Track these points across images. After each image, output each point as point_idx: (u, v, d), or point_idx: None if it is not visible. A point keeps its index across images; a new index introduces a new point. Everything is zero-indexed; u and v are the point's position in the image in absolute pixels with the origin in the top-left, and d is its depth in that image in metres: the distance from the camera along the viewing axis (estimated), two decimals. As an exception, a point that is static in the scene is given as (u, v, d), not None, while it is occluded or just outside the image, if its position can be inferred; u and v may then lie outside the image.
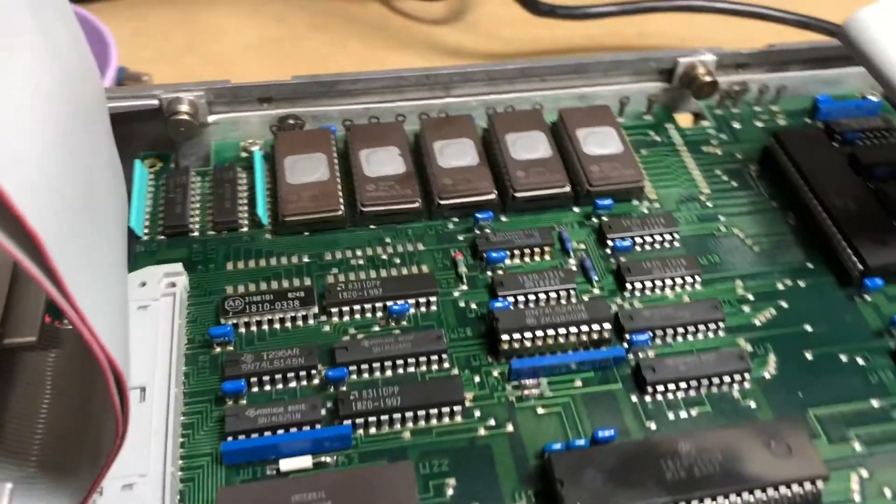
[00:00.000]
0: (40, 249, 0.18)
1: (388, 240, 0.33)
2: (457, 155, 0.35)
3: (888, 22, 0.29)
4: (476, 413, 0.28)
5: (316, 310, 0.30)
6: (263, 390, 0.28)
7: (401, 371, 0.29)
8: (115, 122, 0.35)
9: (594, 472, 0.25)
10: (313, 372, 0.29)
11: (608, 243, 0.33)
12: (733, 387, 0.29)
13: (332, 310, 0.30)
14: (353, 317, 0.30)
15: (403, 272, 0.32)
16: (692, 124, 0.40)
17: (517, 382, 0.29)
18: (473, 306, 0.31)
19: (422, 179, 0.35)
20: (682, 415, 0.28)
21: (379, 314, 0.31)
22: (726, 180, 0.36)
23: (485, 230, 0.34)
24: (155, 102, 0.35)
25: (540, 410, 0.28)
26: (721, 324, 0.30)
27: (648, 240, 0.33)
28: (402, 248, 0.33)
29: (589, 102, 0.39)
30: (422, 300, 0.31)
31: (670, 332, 0.30)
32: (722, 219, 0.35)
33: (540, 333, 0.29)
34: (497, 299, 0.31)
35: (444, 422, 0.28)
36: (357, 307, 0.30)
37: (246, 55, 0.57)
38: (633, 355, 0.30)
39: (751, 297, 0.32)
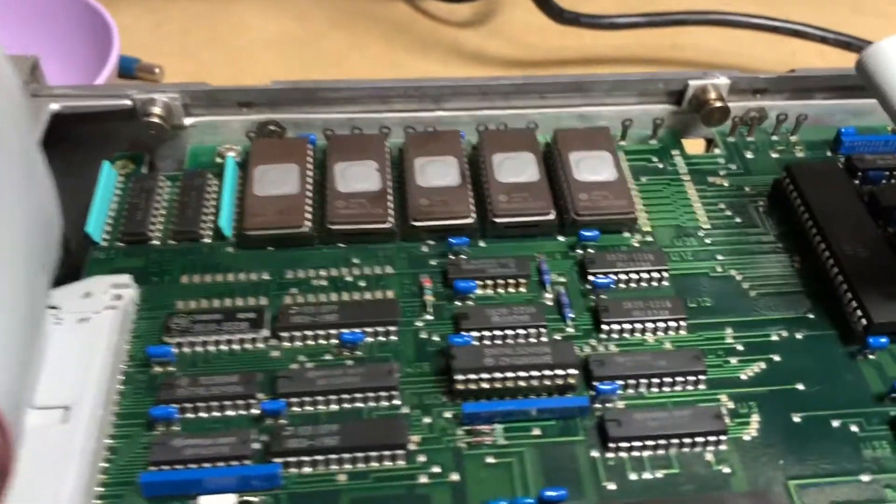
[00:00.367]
0: None
1: (356, 260, 0.31)
2: (438, 174, 0.33)
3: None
4: (420, 458, 0.26)
5: (266, 333, 0.29)
6: (199, 417, 0.27)
7: (347, 406, 0.27)
8: (88, 122, 0.34)
9: (534, 539, 0.23)
10: (251, 401, 0.27)
11: (589, 279, 0.31)
12: (707, 448, 0.26)
13: (283, 334, 0.29)
14: (306, 343, 0.29)
15: (367, 297, 0.30)
16: (704, 151, 0.37)
17: (469, 427, 0.27)
18: (436, 339, 0.29)
19: (401, 197, 0.33)
20: (645, 476, 0.26)
21: (334, 341, 0.29)
22: (730, 215, 0.33)
23: (459, 256, 0.31)
24: (128, 103, 0.33)
25: (490, 460, 0.26)
26: (702, 376, 0.28)
27: (634, 277, 0.31)
28: (369, 271, 0.31)
29: (590, 122, 0.36)
30: (381, 329, 0.29)
31: (644, 382, 0.28)
32: (719, 258, 0.32)
33: (498, 375, 0.27)
34: (459, 334, 0.28)
35: (384, 465, 0.26)
36: (310, 333, 0.29)
37: (264, 52, 0.55)
38: (601, 405, 0.27)
39: (740, 347, 0.29)
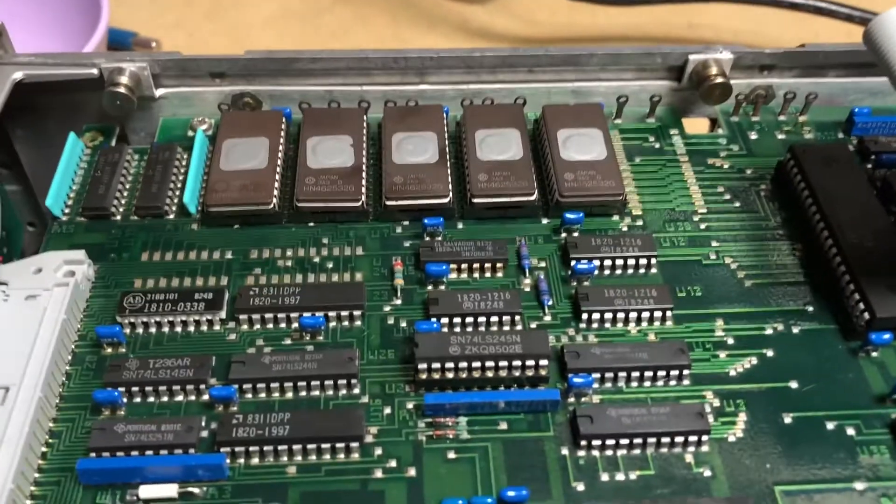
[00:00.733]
0: None
1: (325, 240, 0.30)
2: (416, 150, 0.31)
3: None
4: (377, 451, 0.24)
5: (223, 315, 0.27)
6: (146, 402, 0.25)
7: (303, 394, 0.25)
8: (56, 91, 0.33)
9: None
10: (202, 387, 0.25)
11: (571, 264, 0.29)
12: (687, 449, 0.24)
13: (240, 317, 0.27)
14: (265, 326, 0.27)
15: (334, 279, 0.28)
16: (709, 132, 0.35)
17: (431, 420, 0.25)
18: (403, 325, 0.27)
19: (377, 175, 0.31)
20: (618, 477, 0.24)
21: (294, 325, 0.27)
22: (728, 199, 0.31)
23: (435, 238, 0.30)
24: (94, 72, 0.32)
25: (451, 455, 0.24)
26: (686, 371, 0.26)
27: (619, 263, 0.29)
28: (338, 252, 0.29)
29: (584, 99, 0.34)
30: (345, 313, 0.27)
31: (623, 375, 0.26)
32: (714, 244, 0.30)
33: (463, 365, 0.25)
34: (428, 320, 0.27)
35: (337, 458, 0.24)
36: (269, 316, 0.27)
37: (265, 27, 0.54)
38: (576, 399, 0.25)
39: (731, 340, 0.27)
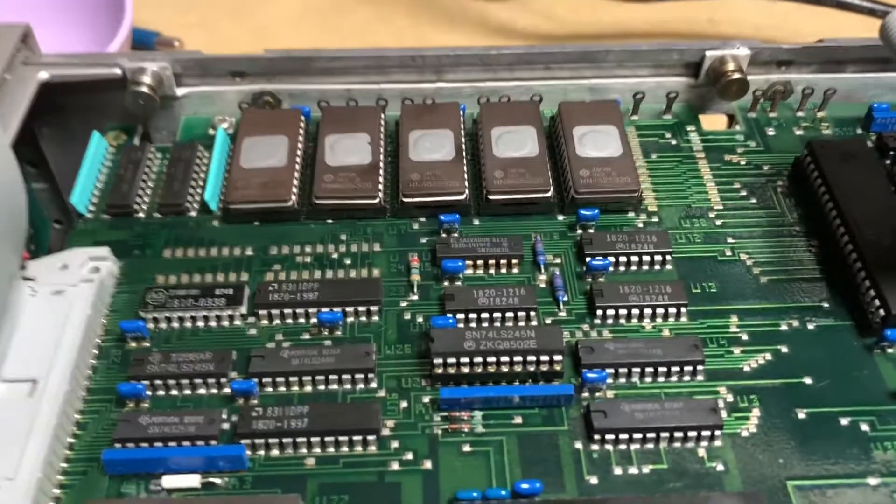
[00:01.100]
0: None
1: (343, 237, 0.30)
2: (432, 147, 0.31)
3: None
4: (393, 444, 0.25)
5: (243, 310, 0.28)
6: (169, 395, 0.26)
7: (321, 388, 0.26)
8: (81, 91, 0.34)
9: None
10: (223, 380, 0.26)
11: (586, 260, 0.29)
12: (700, 444, 0.25)
13: (260, 312, 0.28)
14: (284, 321, 0.28)
15: (352, 275, 0.29)
16: (726, 128, 0.35)
17: (447, 413, 0.25)
18: (419, 320, 0.28)
19: (394, 172, 0.32)
20: (631, 471, 0.24)
21: (313, 320, 0.28)
22: (744, 195, 0.31)
23: (451, 234, 0.30)
24: (118, 72, 0.33)
25: (466, 448, 0.25)
26: (699, 367, 0.26)
27: (635, 259, 0.29)
28: (356, 248, 0.30)
29: (600, 96, 0.34)
30: (362, 309, 0.28)
31: (637, 371, 0.26)
32: (730, 241, 0.30)
33: (479, 360, 0.25)
34: (444, 315, 0.27)
35: (354, 451, 0.25)
36: (288, 311, 0.27)
37: (288, 26, 0.54)
38: (590, 394, 0.26)
39: (745, 336, 0.27)
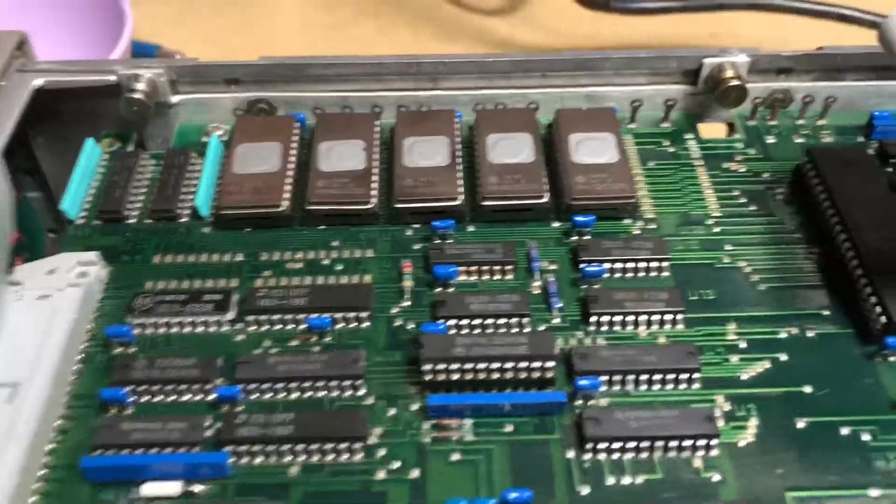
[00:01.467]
0: None
1: (335, 243, 0.30)
2: (427, 154, 0.31)
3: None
4: (380, 452, 0.24)
5: (231, 316, 0.27)
6: (153, 401, 0.25)
7: (308, 395, 0.25)
8: (76, 98, 0.33)
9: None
10: (208, 387, 0.25)
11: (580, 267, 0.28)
12: (696, 453, 0.24)
13: (248, 318, 0.27)
14: (273, 328, 0.27)
15: (343, 281, 0.28)
16: (725, 136, 0.35)
17: (436, 421, 0.25)
18: (410, 327, 0.27)
19: (389, 178, 0.31)
20: (624, 481, 0.23)
21: (302, 326, 0.27)
22: (743, 202, 0.31)
23: (445, 240, 0.29)
24: (112, 79, 0.32)
25: (455, 457, 0.24)
26: (696, 374, 0.25)
27: (630, 266, 0.28)
28: (348, 254, 0.29)
29: (597, 104, 0.34)
30: (351, 315, 0.27)
31: (631, 378, 0.25)
32: (728, 248, 0.29)
33: (469, 366, 0.25)
34: (435, 322, 0.27)
35: (340, 459, 0.24)
36: (276, 317, 0.27)
37: (292, 39, 0.54)
38: (583, 402, 0.25)
39: (743, 344, 0.27)
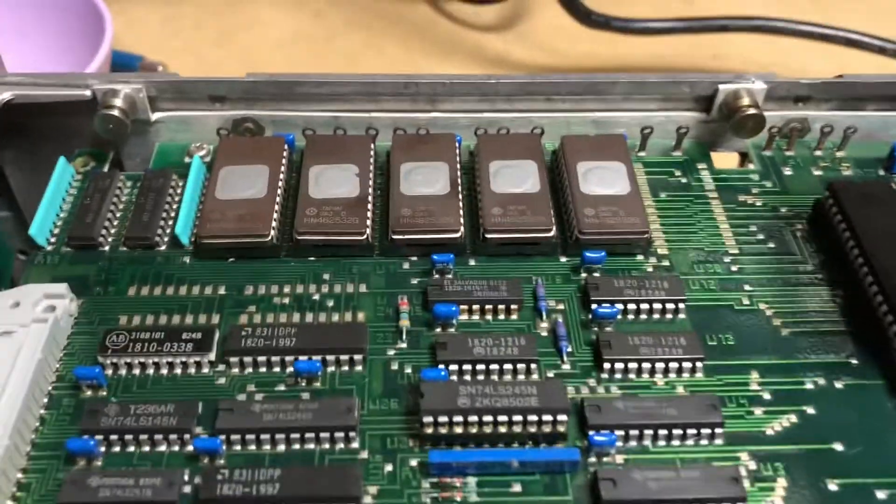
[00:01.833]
0: None
1: (326, 276, 0.27)
2: (426, 181, 0.29)
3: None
4: (375, 514, 0.22)
5: (212, 357, 0.25)
6: (125, 452, 0.23)
7: (296, 447, 0.23)
8: (49, 114, 0.31)
9: None
10: (186, 436, 0.23)
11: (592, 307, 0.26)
12: (721, 519, 0.22)
13: (231, 359, 0.25)
14: (257, 370, 0.25)
15: (334, 318, 0.26)
16: (738, 167, 0.33)
17: (437, 479, 0.23)
18: (408, 371, 0.25)
19: (385, 207, 0.29)
20: (643, 550, 0.21)
21: (289, 370, 0.25)
22: (762, 239, 0.29)
23: (445, 275, 0.27)
24: (87, 93, 0.30)
25: (458, 520, 0.22)
26: (718, 430, 0.23)
27: (645, 307, 0.26)
28: (340, 289, 0.27)
29: (605, 130, 0.32)
30: (344, 358, 0.25)
31: (649, 433, 0.23)
32: (747, 288, 0.27)
33: (474, 419, 0.23)
34: (436, 367, 0.24)
35: (331, 521, 0.22)
36: (262, 359, 0.25)
37: (276, 51, 0.52)
38: (596, 459, 0.23)
39: (767, 395, 0.25)
